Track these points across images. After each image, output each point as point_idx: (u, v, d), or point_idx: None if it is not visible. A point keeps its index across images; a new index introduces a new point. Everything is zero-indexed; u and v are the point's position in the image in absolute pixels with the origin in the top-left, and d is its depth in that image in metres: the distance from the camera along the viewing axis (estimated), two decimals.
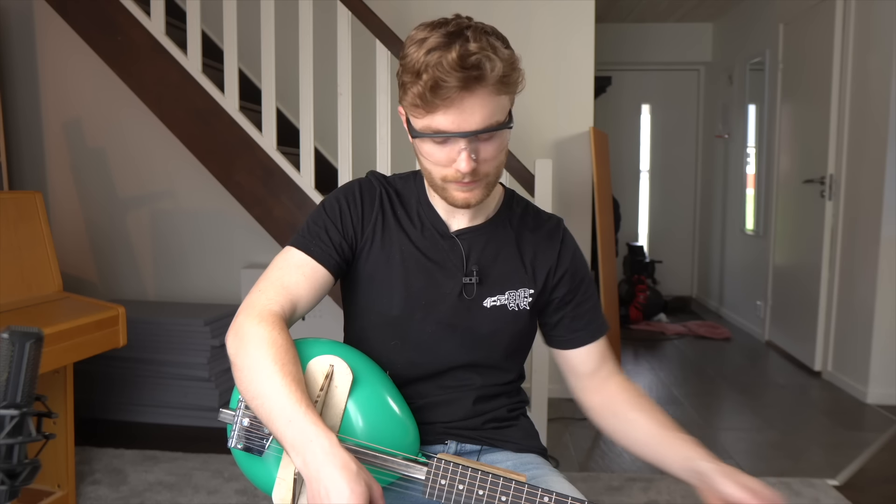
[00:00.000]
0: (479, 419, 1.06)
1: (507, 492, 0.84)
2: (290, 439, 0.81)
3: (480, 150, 0.90)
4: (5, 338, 0.75)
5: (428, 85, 0.84)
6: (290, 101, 2.85)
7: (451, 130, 0.87)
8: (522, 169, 2.34)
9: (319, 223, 1.01)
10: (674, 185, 5.78)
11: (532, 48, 3.07)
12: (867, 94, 3.19)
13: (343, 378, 0.92)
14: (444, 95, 0.84)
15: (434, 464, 0.87)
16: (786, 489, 2.24)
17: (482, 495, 0.85)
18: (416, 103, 0.87)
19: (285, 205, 2.36)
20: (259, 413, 0.85)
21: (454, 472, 0.86)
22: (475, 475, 0.85)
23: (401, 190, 1.07)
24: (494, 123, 0.89)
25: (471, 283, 1.01)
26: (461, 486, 0.85)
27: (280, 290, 0.96)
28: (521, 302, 1.03)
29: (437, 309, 1.01)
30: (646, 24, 5.38)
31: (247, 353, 0.88)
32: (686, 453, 0.94)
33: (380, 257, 1.02)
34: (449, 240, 1.03)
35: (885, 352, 3.07)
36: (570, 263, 1.07)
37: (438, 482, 0.87)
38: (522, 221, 1.08)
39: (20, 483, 0.76)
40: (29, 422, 0.76)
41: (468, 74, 0.83)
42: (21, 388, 0.76)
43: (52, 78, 3.20)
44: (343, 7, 2.25)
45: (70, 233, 3.26)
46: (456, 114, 0.86)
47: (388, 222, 1.03)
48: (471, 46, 0.84)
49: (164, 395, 2.78)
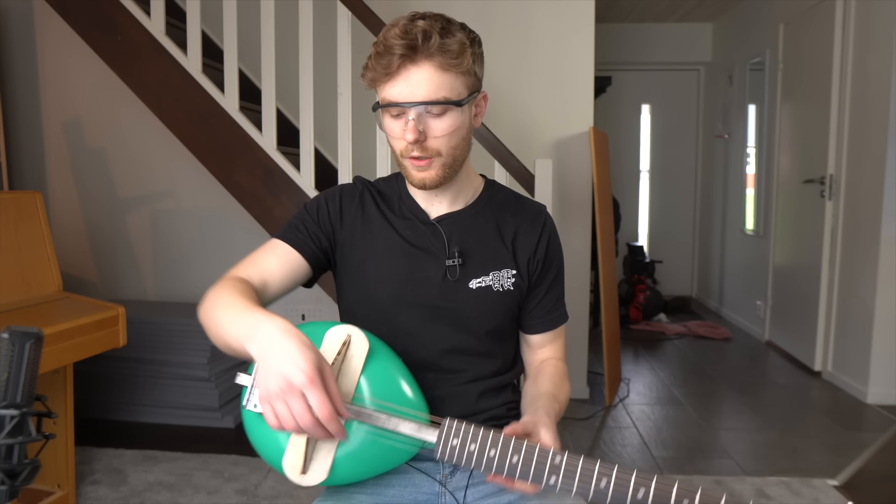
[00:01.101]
0: (478, 417, 1.07)
1: (519, 452, 0.84)
2: (243, 333, 0.84)
3: (430, 126, 0.96)
4: (5, 338, 0.75)
5: (377, 51, 0.93)
6: (290, 101, 2.85)
7: (399, 101, 0.94)
8: (522, 169, 2.34)
9: (299, 218, 1.09)
10: (674, 185, 5.78)
11: (532, 48, 3.08)
12: (867, 94, 3.19)
13: (360, 347, 0.94)
14: (388, 63, 0.92)
15: (446, 424, 0.87)
16: (786, 489, 2.24)
17: (493, 455, 0.85)
18: (372, 74, 0.95)
19: (285, 205, 2.37)
20: (223, 340, 0.90)
21: (465, 433, 0.86)
22: (487, 435, 0.86)
23: (383, 189, 1.13)
24: (441, 98, 0.94)
25: (454, 266, 1.05)
26: (472, 447, 0.85)
27: (249, 265, 1.03)
28: (504, 282, 1.06)
29: (424, 293, 1.04)
30: (646, 24, 5.38)
31: (208, 305, 0.95)
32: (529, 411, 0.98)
33: (364, 247, 1.07)
34: (430, 226, 1.08)
35: (885, 352, 3.07)
36: (549, 250, 1.12)
37: (450, 442, 0.86)
38: (503, 205, 1.12)
39: (20, 483, 0.76)
40: (29, 422, 0.76)
41: (408, 42, 0.91)
42: (21, 388, 0.75)
43: (52, 78, 3.20)
44: (343, 7, 2.25)
45: (70, 233, 3.26)
46: (403, 85, 0.93)
47: (369, 214, 1.09)
48: (419, 22, 0.93)
49: (164, 395, 2.78)
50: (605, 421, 2.92)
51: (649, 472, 0.84)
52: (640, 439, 2.71)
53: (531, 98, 3.11)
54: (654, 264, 5.23)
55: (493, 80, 3.04)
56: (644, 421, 2.92)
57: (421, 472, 1.05)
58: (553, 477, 0.83)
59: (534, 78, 3.10)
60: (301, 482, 0.88)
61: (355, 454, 0.91)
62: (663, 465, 2.44)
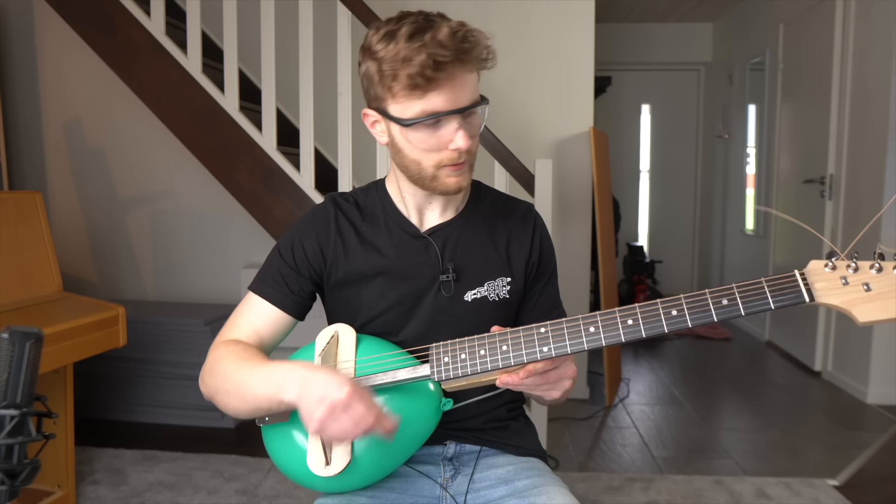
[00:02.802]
0: (479, 419, 1.07)
1: (505, 339, 0.88)
2: (274, 388, 0.87)
3: (469, 129, 0.94)
4: (5, 338, 0.75)
5: (429, 63, 0.86)
6: (290, 101, 2.85)
7: (446, 109, 0.90)
8: (522, 169, 2.34)
9: (274, 265, 1.05)
10: (674, 185, 5.78)
11: (532, 48, 3.08)
12: (867, 94, 3.19)
13: (348, 336, 0.98)
14: (444, 69, 0.87)
15: (432, 349, 0.91)
16: (786, 489, 2.24)
17: (484, 353, 0.88)
18: (413, 84, 0.88)
19: (285, 205, 2.36)
20: (250, 405, 0.92)
21: (452, 347, 0.90)
22: (472, 339, 0.90)
23: (363, 203, 1.08)
24: (479, 99, 0.94)
25: (448, 281, 1.03)
26: (463, 356, 0.89)
27: (236, 326, 1.03)
28: (500, 291, 1.05)
29: (419, 312, 1.03)
30: (646, 24, 5.38)
31: (219, 379, 0.96)
32: None
33: (351, 280, 1.04)
34: (421, 240, 1.04)
35: (885, 352, 3.07)
36: (542, 251, 1.10)
37: (442, 361, 0.90)
38: (493, 210, 1.10)
39: (20, 483, 0.76)
40: (29, 422, 0.76)
41: (461, 47, 0.87)
42: (21, 388, 0.76)
43: (52, 78, 3.20)
44: (343, 7, 2.25)
45: (70, 233, 3.26)
46: (449, 91, 0.89)
47: (349, 242, 1.04)
48: (453, 23, 0.89)
49: (164, 395, 2.78)
50: (605, 421, 2.92)
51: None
52: (640, 439, 2.71)
53: (531, 98, 3.11)
54: (654, 264, 5.23)
55: (494, 80, 3.03)
56: (644, 421, 2.92)
57: (423, 476, 1.05)
58: (545, 347, 0.86)
59: (534, 78, 3.10)
60: (329, 473, 0.89)
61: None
62: (663, 465, 2.44)
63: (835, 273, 0.78)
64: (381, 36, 0.90)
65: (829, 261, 0.79)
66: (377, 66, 0.91)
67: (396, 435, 0.88)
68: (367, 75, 0.94)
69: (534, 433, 1.15)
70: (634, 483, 2.28)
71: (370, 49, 0.92)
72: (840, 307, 0.77)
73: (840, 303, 0.77)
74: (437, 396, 0.97)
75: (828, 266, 0.78)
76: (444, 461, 1.08)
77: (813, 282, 0.78)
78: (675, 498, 2.17)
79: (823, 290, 0.78)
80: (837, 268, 0.78)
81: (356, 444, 0.91)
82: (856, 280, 0.78)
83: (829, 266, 0.78)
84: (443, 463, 1.07)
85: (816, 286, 0.78)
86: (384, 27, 0.91)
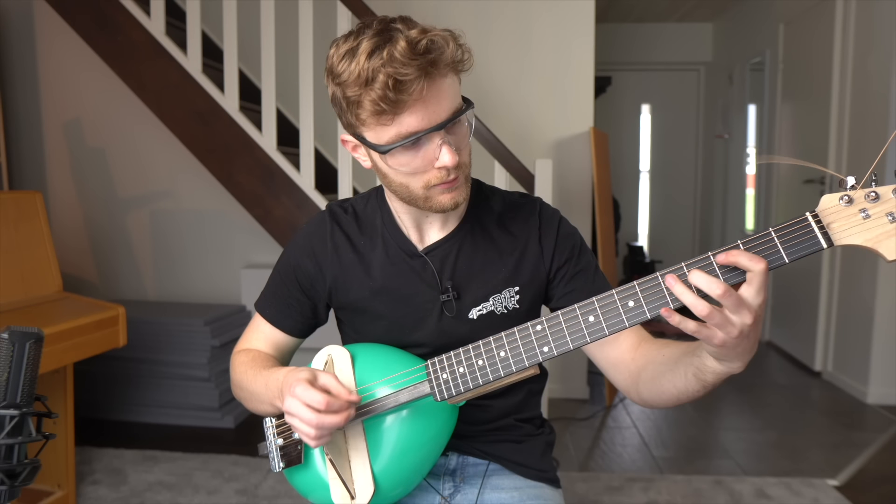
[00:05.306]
0: (487, 426, 1.02)
1: (502, 345, 0.83)
2: (273, 395, 0.92)
3: (455, 141, 0.85)
4: (5, 338, 0.75)
5: (389, 84, 0.77)
6: (290, 101, 2.85)
7: (423, 128, 0.81)
8: (522, 169, 2.34)
9: (276, 284, 1.06)
10: (674, 185, 5.77)
11: (532, 48, 3.07)
12: (867, 94, 3.19)
13: (343, 360, 0.95)
14: (408, 89, 0.78)
15: (428, 367, 0.88)
16: (786, 489, 2.24)
17: (483, 365, 0.84)
18: (379, 110, 0.80)
19: (285, 205, 2.37)
20: (265, 409, 0.97)
21: (448, 361, 0.87)
22: (466, 351, 0.86)
23: (361, 212, 1.02)
24: (459, 108, 0.84)
25: (449, 300, 0.96)
26: (461, 369, 0.85)
27: (251, 343, 1.09)
28: (508, 303, 0.98)
29: (424, 335, 0.98)
30: (646, 24, 5.38)
31: (236, 388, 1.05)
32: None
33: (350, 301, 1.01)
34: (418, 259, 0.98)
35: (885, 352, 3.07)
36: (557, 238, 1.00)
37: (441, 378, 0.87)
38: (496, 215, 1.01)
39: (20, 483, 0.76)
40: (29, 422, 0.76)
41: (424, 59, 0.78)
42: (21, 388, 0.76)
43: (52, 78, 3.20)
44: (343, 7, 2.25)
45: (70, 233, 3.26)
46: (422, 108, 0.80)
47: (345, 262, 0.99)
48: (411, 33, 0.79)
49: (164, 395, 2.78)
50: (605, 421, 2.92)
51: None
52: (640, 439, 2.71)
53: (531, 98, 3.11)
54: (654, 264, 5.23)
55: (494, 80, 3.04)
56: (644, 421, 2.92)
57: (421, 489, 1.02)
58: (545, 347, 0.81)
59: (534, 78, 3.10)
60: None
61: (384, 450, 0.91)
62: (663, 465, 2.44)
63: (852, 207, 0.66)
64: (341, 55, 0.82)
65: (844, 192, 0.67)
66: (341, 91, 0.82)
67: (412, 449, 0.88)
68: (334, 101, 0.86)
69: (548, 448, 1.08)
70: (634, 483, 2.28)
71: (332, 71, 0.83)
72: (864, 246, 0.67)
73: (863, 241, 0.67)
74: (445, 404, 0.93)
75: (843, 199, 0.67)
76: (445, 475, 1.03)
77: (829, 222, 0.67)
78: (675, 498, 2.17)
79: (841, 229, 0.67)
80: (854, 200, 0.66)
81: (376, 470, 0.90)
82: (878, 211, 0.66)
83: (845, 199, 0.67)
84: (444, 477, 1.03)
85: (833, 227, 0.67)
86: (344, 44, 0.82)
